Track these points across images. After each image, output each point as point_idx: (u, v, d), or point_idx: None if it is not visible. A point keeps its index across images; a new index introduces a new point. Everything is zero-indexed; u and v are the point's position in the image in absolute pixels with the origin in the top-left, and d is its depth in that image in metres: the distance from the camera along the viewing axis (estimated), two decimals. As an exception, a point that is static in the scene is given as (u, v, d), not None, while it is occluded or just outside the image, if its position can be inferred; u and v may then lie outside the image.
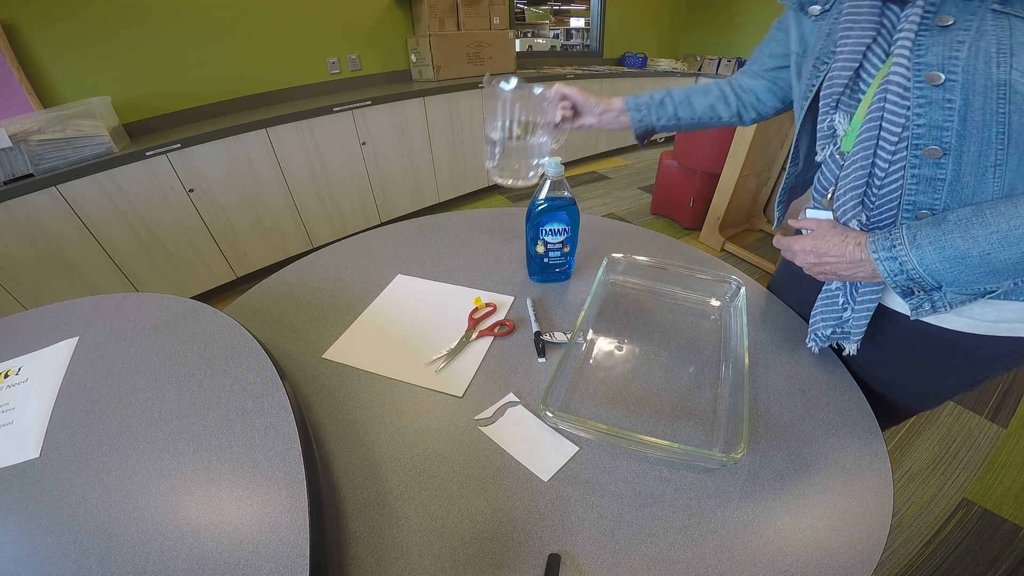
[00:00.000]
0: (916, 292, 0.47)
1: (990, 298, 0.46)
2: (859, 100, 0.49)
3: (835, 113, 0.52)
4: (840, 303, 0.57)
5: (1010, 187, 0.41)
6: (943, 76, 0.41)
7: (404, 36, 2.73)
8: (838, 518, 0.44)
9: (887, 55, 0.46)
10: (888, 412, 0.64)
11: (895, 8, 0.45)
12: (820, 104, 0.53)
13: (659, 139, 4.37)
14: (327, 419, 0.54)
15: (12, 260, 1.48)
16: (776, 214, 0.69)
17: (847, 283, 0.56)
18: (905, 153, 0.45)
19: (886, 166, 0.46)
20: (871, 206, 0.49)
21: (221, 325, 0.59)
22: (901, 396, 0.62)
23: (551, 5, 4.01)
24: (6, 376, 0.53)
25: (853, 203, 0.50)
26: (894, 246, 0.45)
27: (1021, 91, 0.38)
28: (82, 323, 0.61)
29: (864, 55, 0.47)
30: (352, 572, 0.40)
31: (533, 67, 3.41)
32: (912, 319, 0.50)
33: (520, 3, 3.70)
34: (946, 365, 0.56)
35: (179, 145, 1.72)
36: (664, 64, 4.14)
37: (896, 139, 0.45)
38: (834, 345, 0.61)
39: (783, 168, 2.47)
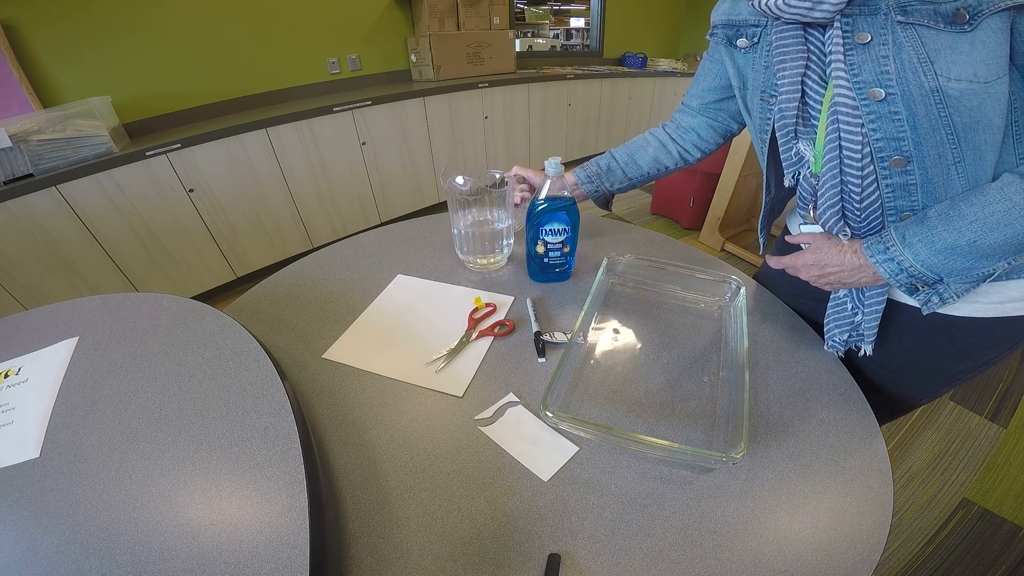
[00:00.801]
0: (920, 288, 0.48)
1: (991, 280, 0.47)
2: (814, 126, 0.51)
3: (796, 142, 0.53)
4: (849, 308, 0.58)
5: (974, 180, 0.44)
6: (883, 92, 0.42)
7: (404, 36, 2.73)
8: (838, 518, 0.44)
9: (826, 79, 0.47)
10: (893, 404, 0.65)
11: (816, 33, 0.47)
12: (777, 135, 0.55)
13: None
14: (327, 419, 0.54)
15: (12, 260, 1.48)
16: (760, 240, 0.71)
17: (853, 290, 0.57)
18: (873, 167, 0.47)
19: (859, 180, 0.48)
20: (858, 218, 0.51)
21: (221, 325, 0.59)
22: (907, 386, 0.63)
23: (551, 5, 4.00)
24: (6, 376, 0.53)
25: (834, 219, 0.52)
26: (888, 248, 0.47)
27: (953, 95, 0.40)
28: (82, 323, 0.61)
29: (803, 82, 0.49)
30: (352, 572, 0.39)
31: (533, 67, 3.41)
32: (925, 315, 0.51)
33: (520, 3, 3.70)
34: (954, 351, 0.57)
35: (179, 145, 1.72)
36: (664, 64, 4.13)
37: (859, 155, 0.46)
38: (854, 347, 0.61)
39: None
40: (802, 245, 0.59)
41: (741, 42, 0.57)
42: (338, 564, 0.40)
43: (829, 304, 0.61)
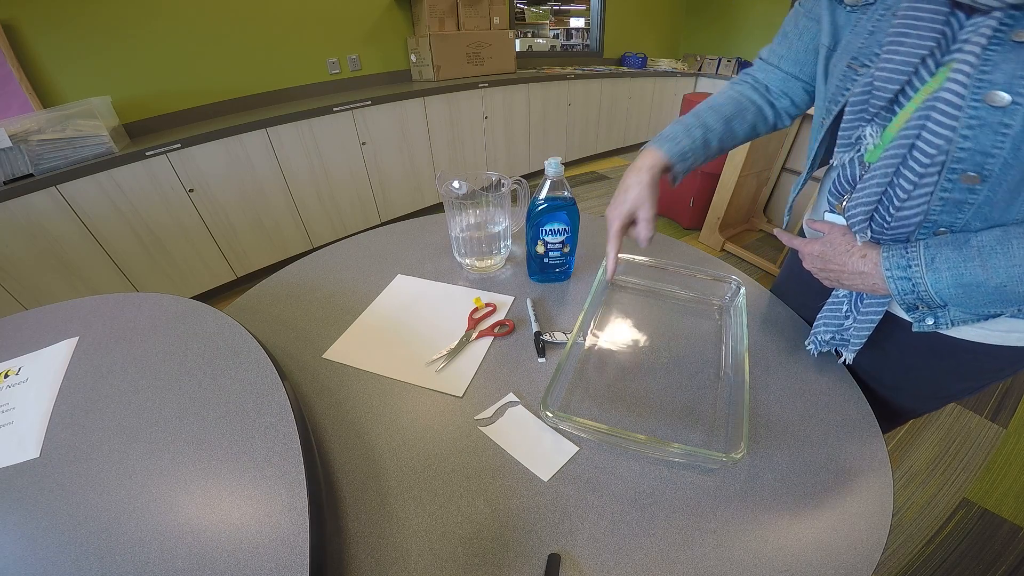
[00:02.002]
0: (921, 308, 0.47)
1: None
2: (896, 113, 0.44)
3: (867, 126, 0.47)
4: (843, 311, 0.57)
5: None
6: (1009, 97, 0.35)
7: (404, 36, 2.74)
8: (838, 518, 0.44)
9: (937, 67, 0.41)
10: (890, 415, 0.64)
11: (961, 16, 0.39)
12: (847, 110, 0.48)
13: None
14: (327, 419, 0.54)
15: (12, 260, 1.48)
16: (785, 217, 0.66)
17: (852, 293, 0.55)
18: (936, 178, 0.41)
19: (910, 188, 0.42)
20: (885, 224, 0.46)
21: (221, 325, 0.59)
22: (905, 400, 0.62)
23: (551, 5, 4.01)
24: (6, 376, 0.53)
25: (861, 216, 0.47)
26: (910, 266, 0.43)
27: None
28: (82, 323, 0.61)
29: (916, 68, 0.41)
30: (352, 572, 0.39)
31: (533, 67, 3.41)
32: (915, 331, 0.50)
33: (520, 3, 3.70)
34: (954, 372, 0.56)
35: (179, 145, 1.72)
36: (664, 64, 4.14)
37: (928, 161, 0.41)
38: (834, 351, 0.61)
39: (783, 169, 2.47)
40: (818, 234, 0.55)
41: None
42: (338, 564, 0.40)
43: (827, 301, 0.59)
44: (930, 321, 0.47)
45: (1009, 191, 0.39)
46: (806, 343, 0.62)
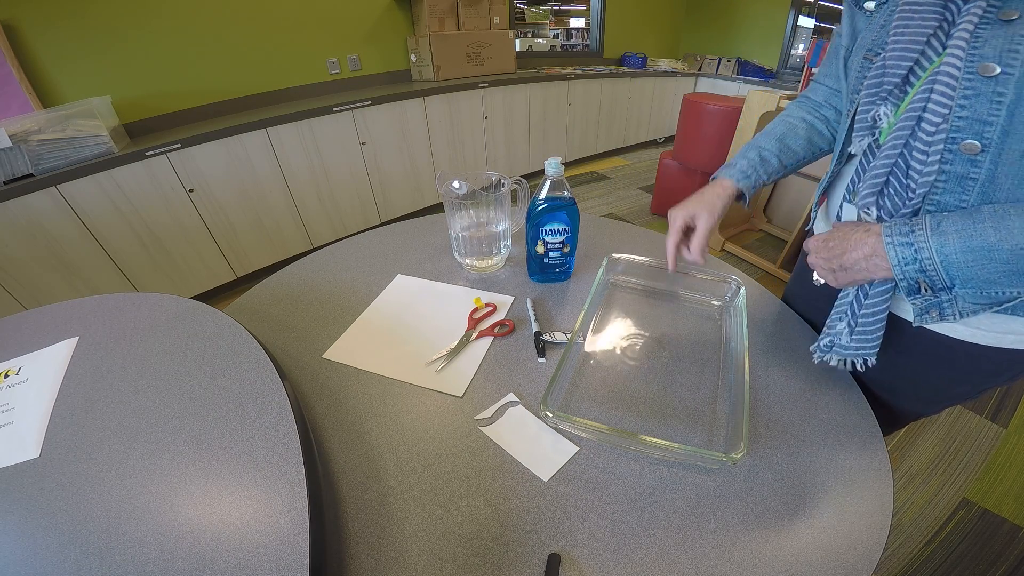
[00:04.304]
0: (924, 290, 0.44)
1: (996, 311, 0.44)
2: (907, 93, 0.46)
3: (882, 105, 0.49)
4: (845, 310, 0.55)
5: None
6: (998, 68, 0.38)
7: (404, 36, 2.73)
8: (838, 518, 0.44)
9: (943, 49, 0.43)
10: (890, 419, 0.64)
11: (958, 1, 0.42)
12: (863, 96, 0.50)
13: (659, 139, 4.38)
14: (327, 419, 0.54)
15: (12, 260, 1.48)
16: (812, 214, 0.67)
17: (854, 296, 0.54)
18: (941, 146, 0.42)
19: (924, 157, 0.43)
20: (892, 202, 0.47)
21: (221, 325, 0.59)
22: (903, 402, 0.62)
23: (551, 5, 4.00)
24: (6, 376, 0.53)
25: (869, 194, 0.48)
26: (913, 231, 0.42)
27: None
28: (82, 323, 0.61)
29: (922, 49, 0.44)
30: (352, 572, 0.40)
31: (533, 67, 3.41)
32: (916, 326, 0.48)
33: (520, 3, 3.69)
34: (952, 374, 0.55)
35: (179, 145, 1.72)
36: (664, 64, 4.14)
37: (934, 129, 0.42)
38: (847, 363, 0.58)
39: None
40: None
41: (868, 4, 0.53)
42: (338, 564, 0.40)
43: (833, 305, 0.58)
44: (935, 312, 0.45)
45: (1013, 168, 0.39)
46: (811, 348, 0.60)
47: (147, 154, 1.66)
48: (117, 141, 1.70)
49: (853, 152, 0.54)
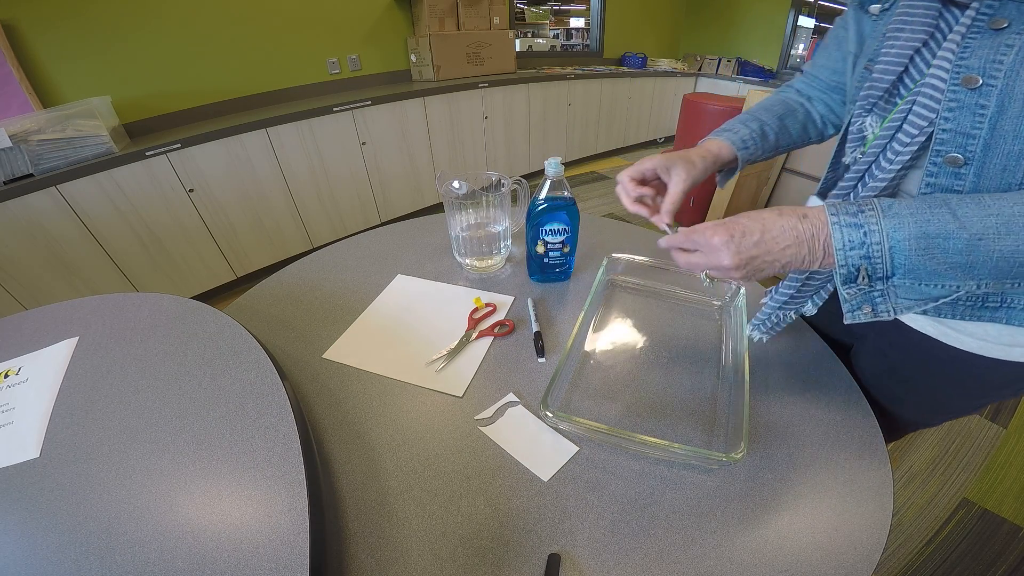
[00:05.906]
0: (861, 280, 0.40)
1: (1007, 324, 0.43)
2: (895, 104, 0.46)
3: (867, 116, 0.49)
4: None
5: None
6: (981, 79, 0.37)
7: (404, 36, 2.73)
8: (838, 518, 0.44)
9: (934, 59, 0.42)
10: (889, 427, 0.63)
11: (955, 12, 0.41)
12: (856, 107, 0.50)
13: (659, 139, 4.38)
14: (327, 419, 0.54)
15: (12, 260, 1.48)
16: None
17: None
18: (907, 157, 0.43)
19: (888, 165, 0.44)
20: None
21: (221, 325, 0.59)
22: (905, 412, 0.61)
23: (551, 5, 4.01)
24: (6, 376, 0.53)
25: (837, 194, 0.49)
26: (861, 211, 0.38)
27: None
28: (82, 323, 0.61)
29: (911, 59, 0.44)
30: (352, 572, 0.40)
31: (533, 67, 3.41)
32: (847, 323, 0.44)
33: (520, 3, 3.70)
34: (957, 385, 0.54)
35: (179, 145, 1.72)
36: (664, 64, 4.14)
37: (908, 140, 0.42)
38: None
39: (782, 169, 2.47)
40: None
41: (873, 8, 0.51)
42: (338, 564, 0.40)
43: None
44: (868, 309, 0.41)
45: (996, 181, 0.39)
46: (748, 329, 0.59)
47: (147, 154, 1.66)
48: (117, 141, 1.70)
49: (847, 162, 0.54)
